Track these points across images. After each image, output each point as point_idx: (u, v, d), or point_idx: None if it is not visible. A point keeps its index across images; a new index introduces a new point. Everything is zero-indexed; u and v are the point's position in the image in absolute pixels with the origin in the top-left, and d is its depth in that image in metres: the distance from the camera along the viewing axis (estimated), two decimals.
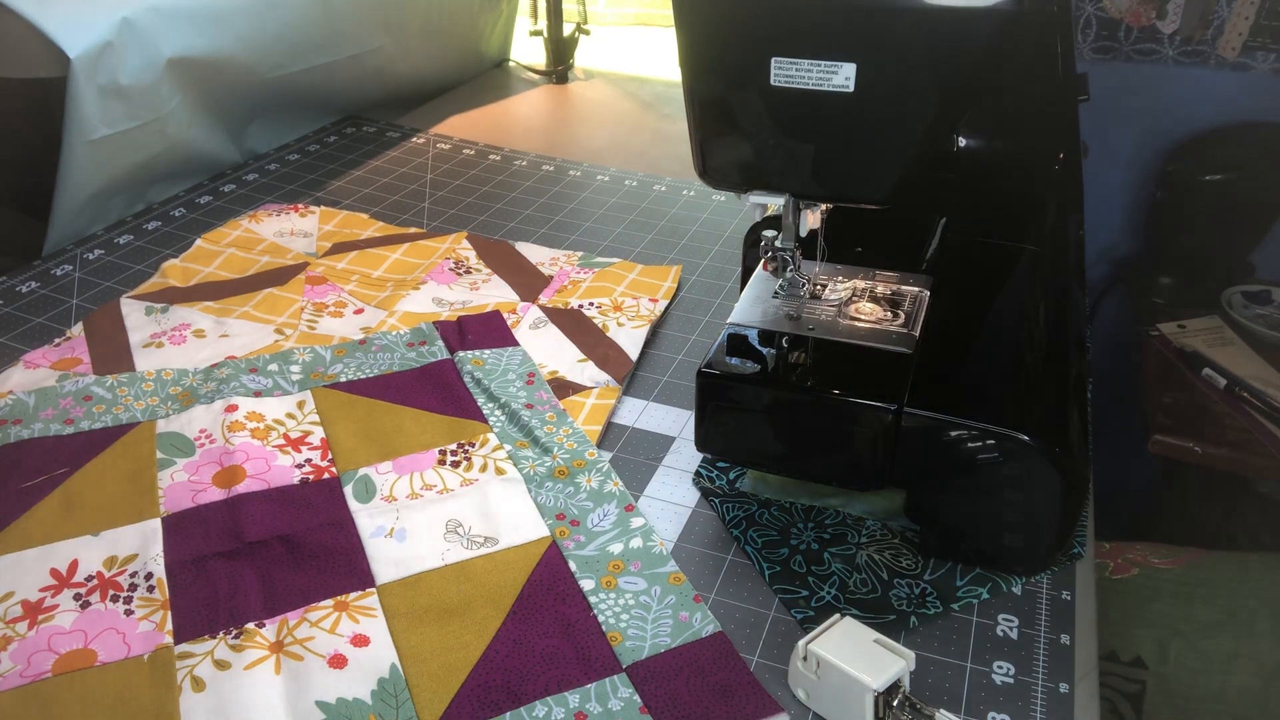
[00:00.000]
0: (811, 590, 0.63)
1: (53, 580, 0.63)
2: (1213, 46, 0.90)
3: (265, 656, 0.58)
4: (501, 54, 1.69)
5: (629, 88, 1.61)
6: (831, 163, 0.64)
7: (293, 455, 0.73)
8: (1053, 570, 0.65)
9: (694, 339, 0.91)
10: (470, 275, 0.99)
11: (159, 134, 1.08)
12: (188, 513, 0.68)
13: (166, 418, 0.77)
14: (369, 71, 1.37)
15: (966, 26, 0.57)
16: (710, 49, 0.62)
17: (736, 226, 1.11)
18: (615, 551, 0.66)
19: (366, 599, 0.62)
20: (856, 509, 0.70)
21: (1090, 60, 0.97)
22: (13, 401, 0.76)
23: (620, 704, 0.55)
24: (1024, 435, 0.58)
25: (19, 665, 0.57)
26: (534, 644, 0.59)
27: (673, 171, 1.26)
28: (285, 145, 1.32)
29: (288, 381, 0.81)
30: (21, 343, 0.88)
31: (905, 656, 0.54)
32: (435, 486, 0.71)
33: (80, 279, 0.98)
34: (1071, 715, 0.56)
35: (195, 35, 1.08)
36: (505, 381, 0.81)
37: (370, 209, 1.14)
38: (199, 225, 1.10)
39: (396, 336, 0.87)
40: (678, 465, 0.75)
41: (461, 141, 1.34)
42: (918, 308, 0.70)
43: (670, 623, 0.60)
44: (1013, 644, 0.60)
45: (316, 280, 0.97)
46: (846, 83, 0.58)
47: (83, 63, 0.96)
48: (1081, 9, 0.95)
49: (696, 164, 0.67)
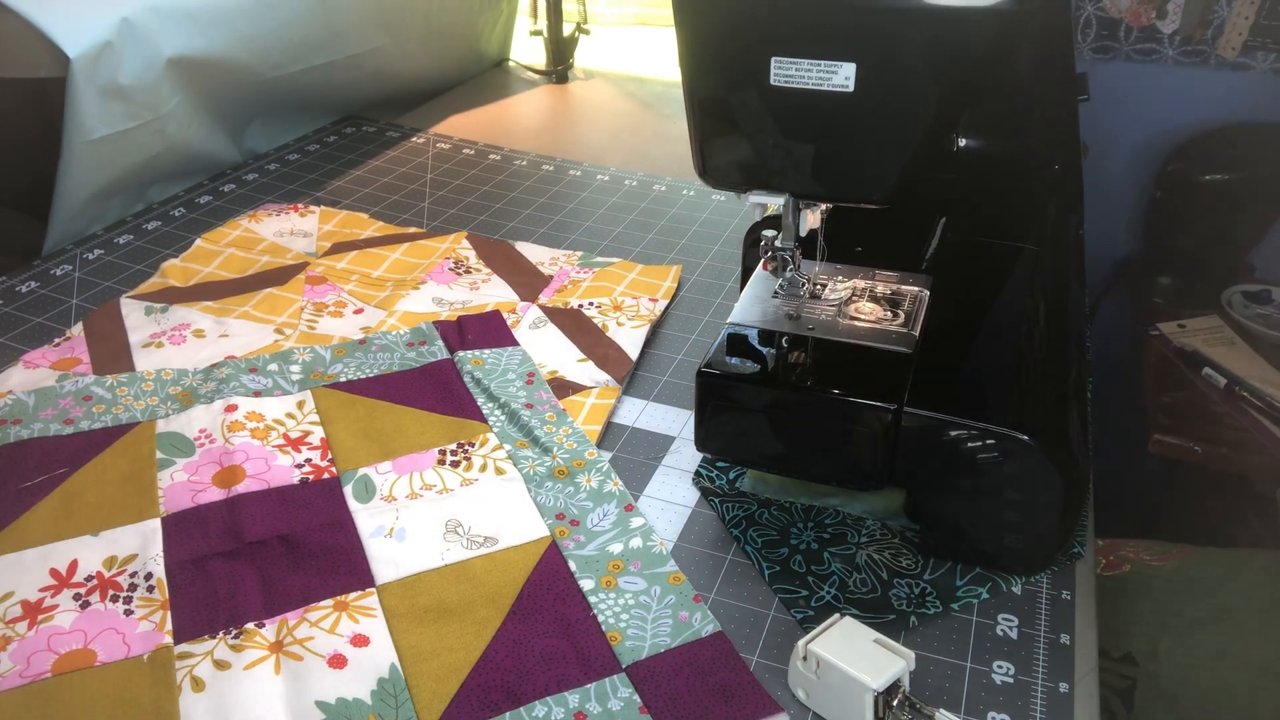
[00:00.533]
0: (811, 590, 0.63)
1: (52, 580, 0.63)
2: (1213, 46, 0.90)
3: (265, 656, 0.58)
4: (501, 54, 1.69)
5: (629, 88, 1.61)
6: (831, 163, 0.63)
7: (292, 455, 0.73)
8: (1053, 570, 0.65)
9: (694, 339, 0.91)
10: (470, 275, 0.99)
11: (159, 134, 1.08)
12: (187, 513, 0.68)
13: (166, 418, 0.77)
14: (369, 71, 1.37)
15: (966, 26, 0.57)
16: (710, 49, 0.62)
17: (736, 226, 1.11)
18: (615, 551, 0.66)
19: (366, 599, 0.62)
20: (856, 509, 0.70)
21: (1090, 60, 0.97)
22: (12, 401, 0.76)
23: (620, 704, 0.55)
24: (1024, 435, 0.58)
25: (19, 665, 0.57)
26: (534, 644, 0.59)
27: (673, 171, 1.26)
28: (285, 145, 1.32)
29: (288, 381, 0.81)
30: (21, 343, 0.88)
31: (905, 656, 0.54)
32: (435, 486, 0.71)
33: (80, 279, 0.98)
34: (1071, 715, 0.56)
35: (195, 35, 1.08)
36: (505, 381, 0.81)
37: (370, 209, 1.14)
38: (199, 225, 1.10)
39: (396, 336, 0.87)
40: (678, 465, 0.75)
41: (461, 141, 1.34)
42: (918, 308, 0.70)
43: (670, 622, 0.60)
44: (1013, 644, 0.60)
45: (316, 280, 0.97)
46: (846, 83, 0.58)
47: (82, 63, 0.96)
48: (1081, 9, 0.95)
49: (696, 164, 0.67)
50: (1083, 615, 0.62)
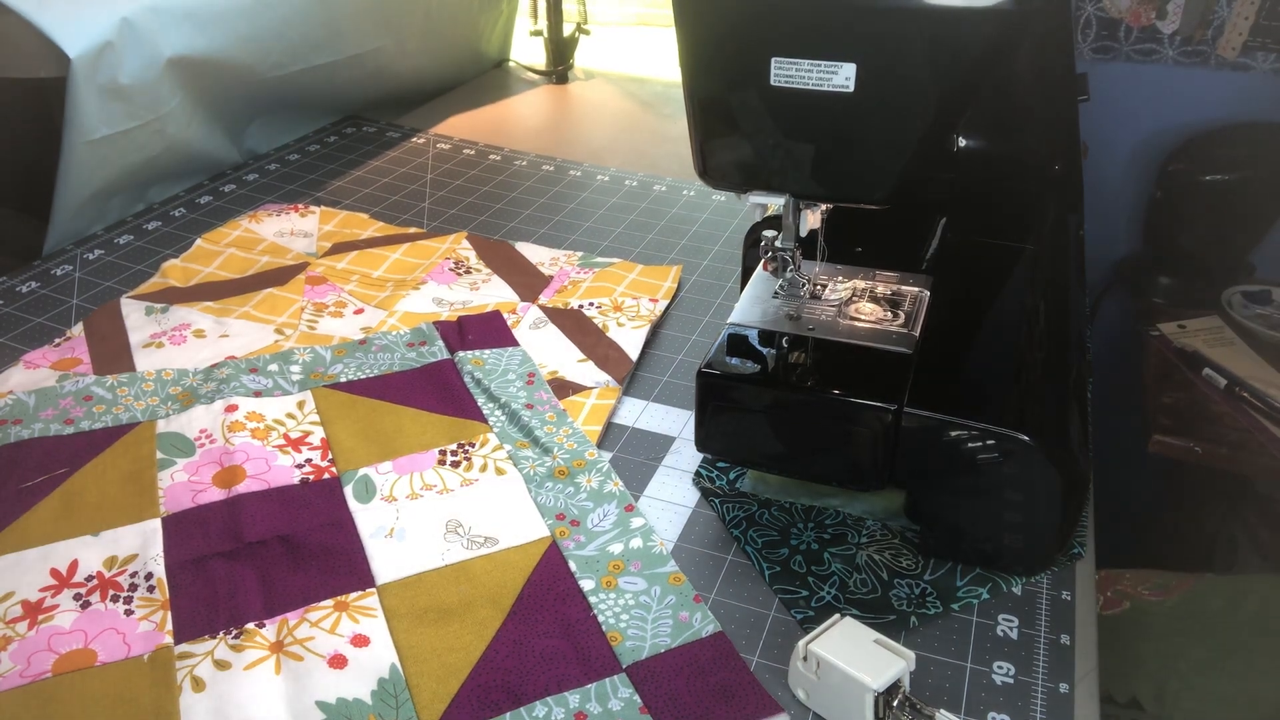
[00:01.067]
0: (811, 590, 0.63)
1: (53, 580, 0.63)
2: (1213, 46, 0.90)
3: (265, 656, 0.58)
4: (501, 54, 1.69)
5: (629, 88, 1.61)
6: (831, 163, 0.63)
7: (293, 455, 0.73)
8: (1053, 570, 0.65)
9: (694, 339, 0.91)
10: (470, 275, 0.99)
11: (159, 134, 1.08)
12: (188, 513, 0.68)
13: (166, 418, 0.77)
14: (369, 71, 1.37)
15: (966, 26, 0.57)
16: (710, 49, 0.62)
17: (736, 226, 1.11)
18: (615, 551, 0.66)
19: (366, 599, 0.62)
20: (856, 509, 0.70)
21: (1090, 60, 0.97)
22: (13, 401, 0.76)
23: (620, 704, 0.55)
24: (1024, 435, 0.58)
25: (19, 665, 0.57)
26: (534, 644, 0.59)
27: (673, 171, 1.26)
28: (285, 145, 1.32)
29: (288, 381, 0.81)
30: (21, 343, 0.88)
31: (905, 656, 0.54)
32: (435, 486, 0.71)
33: (80, 279, 0.98)
34: (1071, 715, 0.56)
35: (195, 35, 1.08)
36: (505, 381, 0.81)
37: (370, 209, 1.14)
38: (199, 225, 1.10)
39: (396, 336, 0.87)
40: (678, 465, 0.75)
41: (461, 141, 1.34)
42: (918, 308, 0.70)
43: (670, 623, 0.60)
44: (1013, 644, 0.60)
45: (316, 280, 0.97)
46: (846, 83, 0.58)
47: (83, 63, 0.96)
48: (1081, 9, 0.95)
49: (696, 164, 0.67)
50: (1083, 616, 0.62)
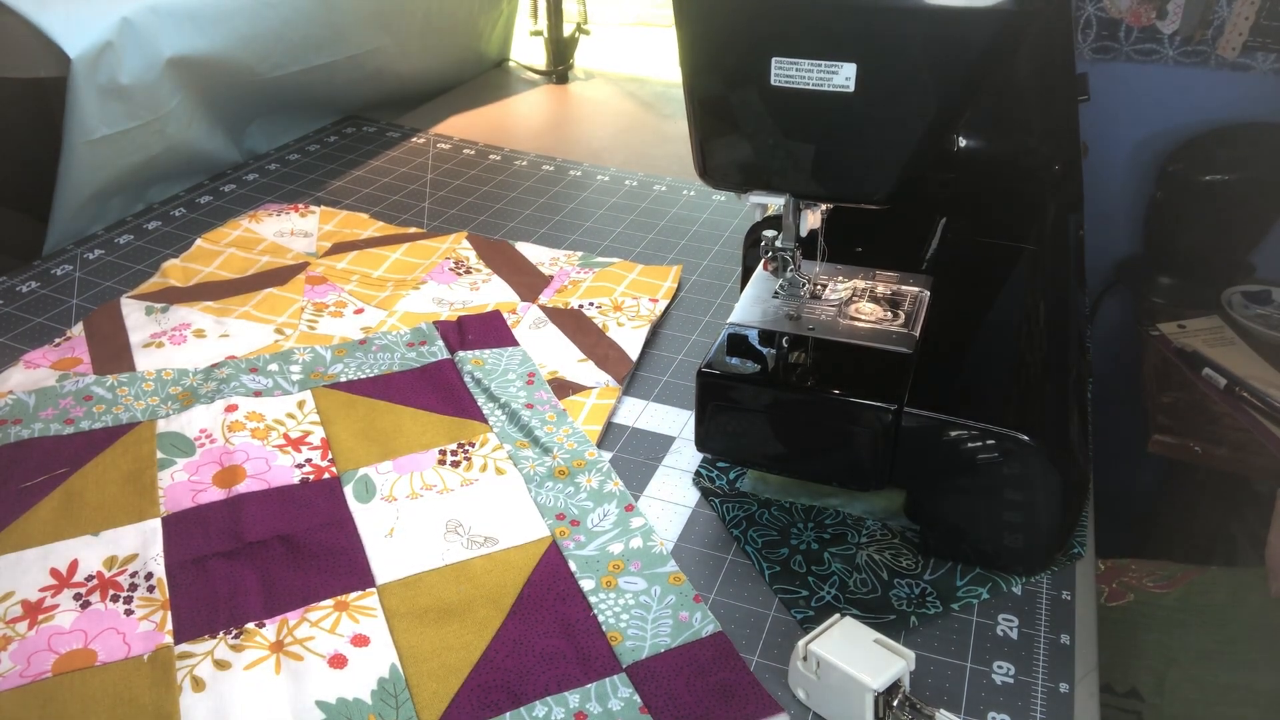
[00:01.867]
0: (811, 590, 0.63)
1: (53, 580, 0.63)
2: (1213, 46, 0.90)
3: (265, 656, 0.58)
4: (501, 54, 1.69)
5: (629, 88, 1.61)
6: (831, 163, 0.64)
7: (293, 455, 0.73)
8: (1053, 570, 0.65)
9: (694, 339, 0.91)
10: (470, 275, 0.99)
11: (159, 134, 1.08)
12: (188, 513, 0.68)
13: (167, 418, 0.77)
14: (369, 71, 1.37)
15: (966, 26, 0.57)
16: (710, 49, 0.62)
17: (736, 226, 1.11)
18: (615, 551, 0.66)
19: (366, 599, 0.62)
20: (856, 509, 0.70)
21: (1090, 60, 0.97)
22: (13, 401, 0.76)
23: (620, 704, 0.55)
24: (1024, 435, 0.58)
25: (19, 665, 0.57)
26: (534, 644, 0.59)
27: (673, 171, 1.26)
28: (285, 145, 1.32)
29: (288, 381, 0.81)
30: (21, 343, 0.88)
31: (905, 656, 0.54)
32: (435, 486, 0.71)
33: (80, 279, 0.98)
34: (1071, 715, 0.56)
35: (195, 35, 1.08)
36: (505, 381, 0.81)
37: (370, 209, 1.14)
38: (199, 225, 1.10)
39: (396, 336, 0.87)
40: (678, 465, 0.75)
41: (461, 141, 1.34)
42: (918, 308, 0.70)
43: (670, 623, 0.60)
44: (1013, 644, 0.60)
45: (316, 280, 0.97)
46: (846, 83, 0.58)
47: (83, 63, 0.96)
48: (1081, 9, 0.95)
49: (696, 164, 0.67)
50: (1083, 615, 0.62)
